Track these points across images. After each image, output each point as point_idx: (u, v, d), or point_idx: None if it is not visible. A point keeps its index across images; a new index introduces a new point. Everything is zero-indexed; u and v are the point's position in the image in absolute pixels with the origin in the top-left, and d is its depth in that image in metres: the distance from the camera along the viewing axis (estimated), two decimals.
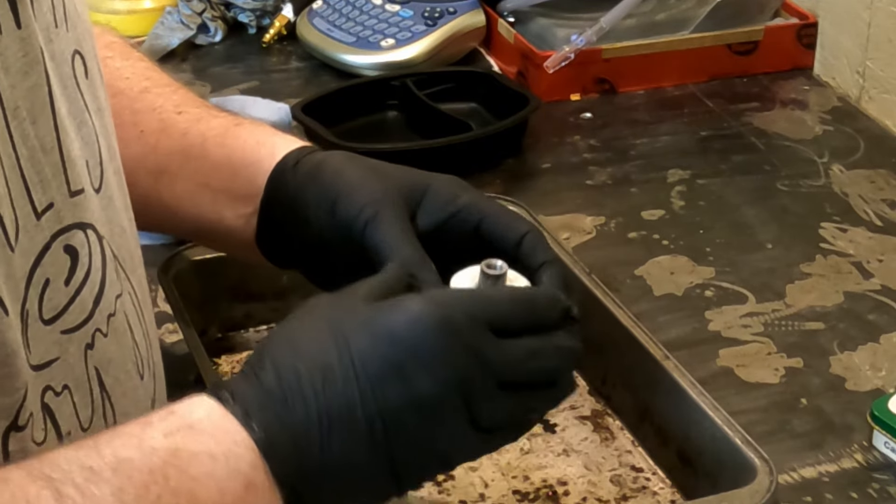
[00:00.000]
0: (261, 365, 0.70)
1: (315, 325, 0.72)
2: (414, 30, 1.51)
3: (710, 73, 1.51)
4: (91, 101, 0.77)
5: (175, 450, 0.65)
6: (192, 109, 0.95)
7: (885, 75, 1.42)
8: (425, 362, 0.69)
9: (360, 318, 0.71)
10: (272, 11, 1.60)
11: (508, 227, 0.83)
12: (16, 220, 0.67)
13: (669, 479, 0.93)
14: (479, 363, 0.71)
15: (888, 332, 1.10)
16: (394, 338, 0.70)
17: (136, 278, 0.81)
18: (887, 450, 0.97)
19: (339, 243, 0.86)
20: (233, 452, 0.66)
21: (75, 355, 0.72)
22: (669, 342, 0.99)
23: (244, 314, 1.06)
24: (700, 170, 1.33)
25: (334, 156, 0.89)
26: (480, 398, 0.71)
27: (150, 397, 0.80)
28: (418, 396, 0.69)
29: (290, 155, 0.90)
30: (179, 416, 0.67)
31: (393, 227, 0.83)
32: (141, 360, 0.79)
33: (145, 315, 0.81)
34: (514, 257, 0.82)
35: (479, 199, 0.85)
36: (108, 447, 0.64)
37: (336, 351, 0.69)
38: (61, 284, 0.71)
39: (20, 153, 0.68)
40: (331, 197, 0.86)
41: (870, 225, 1.24)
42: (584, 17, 1.48)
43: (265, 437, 0.67)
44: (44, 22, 0.71)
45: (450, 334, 0.70)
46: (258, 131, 0.93)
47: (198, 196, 0.93)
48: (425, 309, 0.70)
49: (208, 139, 0.93)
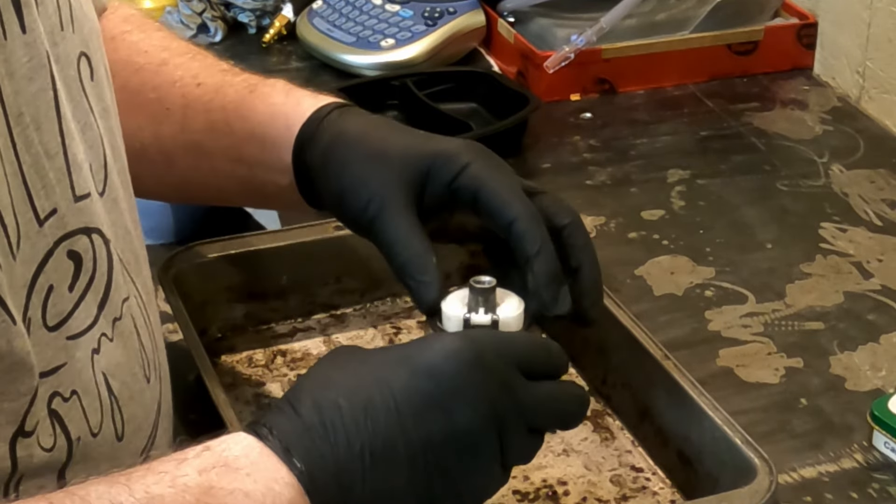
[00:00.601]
0: (300, 400, 0.69)
1: (351, 363, 0.72)
2: (414, 30, 1.51)
3: (710, 73, 1.51)
4: (96, 103, 0.76)
5: (209, 487, 0.64)
6: (210, 79, 0.95)
7: (885, 75, 1.42)
8: (464, 396, 0.70)
9: (396, 355, 0.72)
10: (272, 11, 1.60)
11: (500, 210, 0.82)
12: (17, 227, 0.67)
13: (669, 479, 0.93)
14: (512, 400, 0.71)
15: (888, 332, 1.10)
16: (432, 372, 0.70)
17: (142, 280, 0.81)
18: (887, 450, 0.96)
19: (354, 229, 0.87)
20: (271, 490, 0.65)
21: (82, 360, 0.72)
22: (669, 342, 0.99)
23: (244, 314, 1.06)
24: (700, 170, 1.33)
25: (341, 138, 0.88)
26: (512, 435, 0.71)
27: (156, 400, 0.80)
28: (458, 430, 0.69)
29: (305, 132, 0.89)
30: (215, 452, 0.67)
31: (396, 222, 0.83)
32: (147, 364, 0.79)
33: (151, 318, 0.81)
34: (506, 241, 0.82)
35: (481, 171, 0.84)
36: (139, 483, 0.64)
37: (376, 386, 0.69)
38: (65, 290, 0.71)
39: (23, 160, 0.67)
40: (337, 192, 0.87)
41: (870, 225, 1.24)
42: (584, 17, 1.48)
43: (307, 473, 0.66)
44: (49, 25, 0.71)
45: (486, 370, 0.71)
46: (270, 98, 0.92)
47: (237, 170, 0.94)
48: (461, 345, 0.71)
49: (229, 112, 0.93)
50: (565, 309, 0.81)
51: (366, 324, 1.08)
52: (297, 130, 0.90)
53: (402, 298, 1.09)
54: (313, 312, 1.08)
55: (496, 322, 0.80)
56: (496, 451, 0.71)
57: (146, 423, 0.78)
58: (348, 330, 1.07)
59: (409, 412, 0.69)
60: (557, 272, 0.81)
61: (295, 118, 0.90)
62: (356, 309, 1.09)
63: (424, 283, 0.81)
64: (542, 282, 0.80)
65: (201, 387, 0.92)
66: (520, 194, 0.83)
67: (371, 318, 1.08)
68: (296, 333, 1.06)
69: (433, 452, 0.69)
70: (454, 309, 0.81)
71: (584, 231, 0.84)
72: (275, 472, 0.66)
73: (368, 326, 1.08)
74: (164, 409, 0.82)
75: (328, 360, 0.73)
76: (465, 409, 0.69)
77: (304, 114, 0.90)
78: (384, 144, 0.86)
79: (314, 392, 0.69)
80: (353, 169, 0.86)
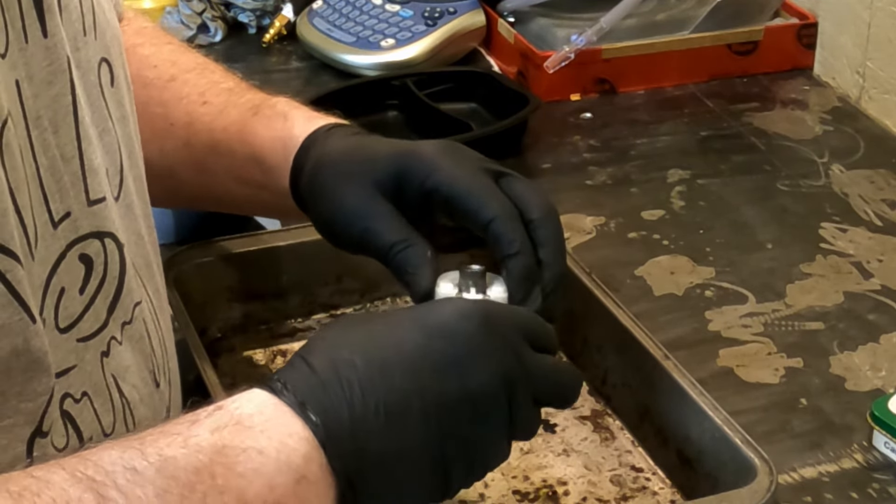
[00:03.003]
0: (314, 357, 0.69)
1: (366, 324, 0.73)
2: (414, 30, 1.51)
3: (710, 73, 1.51)
4: (115, 108, 0.77)
5: (222, 447, 0.64)
6: (216, 98, 0.96)
7: (885, 75, 1.42)
8: (478, 358, 0.70)
9: (408, 316, 0.72)
10: (272, 11, 1.60)
11: (475, 213, 0.82)
12: (35, 228, 0.67)
13: (669, 479, 0.93)
14: (521, 367, 0.71)
15: (888, 332, 1.10)
16: (445, 332, 0.70)
17: (154, 286, 0.81)
18: (887, 450, 0.96)
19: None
20: (285, 446, 0.65)
21: (92, 363, 0.72)
22: (669, 342, 0.99)
23: (244, 314, 1.06)
24: (700, 170, 1.33)
25: (319, 165, 0.88)
26: (520, 401, 0.71)
27: (165, 405, 0.80)
28: (472, 391, 0.69)
29: (297, 162, 0.90)
30: (227, 410, 0.66)
31: (382, 228, 0.84)
32: (157, 368, 0.79)
33: (162, 323, 0.82)
34: (483, 239, 0.83)
35: (452, 174, 0.84)
36: (152, 447, 0.63)
37: (392, 346, 0.70)
38: (76, 293, 0.71)
39: (40, 162, 0.68)
40: (324, 219, 0.88)
41: (870, 225, 1.24)
42: (584, 17, 1.48)
43: (323, 426, 0.66)
44: (72, 30, 0.72)
45: (498, 334, 0.71)
46: (271, 122, 0.93)
47: (239, 188, 0.95)
48: (472, 308, 0.72)
49: (231, 134, 0.94)
50: (535, 307, 0.82)
51: None
52: (292, 159, 0.90)
53: (402, 298, 1.09)
54: (313, 312, 1.08)
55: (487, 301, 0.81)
56: (506, 419, 0.71)
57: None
58: None
59: (423, 371, 0.69)
60: (531, 272, 0.82)
61: (291, 145, 0.91)
62: (356, 309, 1.09)
63: (418, 273, 0.82)
64: (516, 280, 0.81)
65: (201, 387, 0.92)
66: (494, 192, 0.83)
67: None
68: (296, 333, 1.06)
69: (447, 413, 0.69)
70: (447, 289, 0.82)
71: (553, 225, 0.84)
72: (289, 427, 0.66)
73: None
74: (174, 414, 0.82)
75: (338, 324, 0.74)
76: (479, 370, 0.70)
77: (297, 142, 0.91)
78: (356, 159, 0.87)
79: (328, 350, 0.69)
80: (332, 193, 0.87)
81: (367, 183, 0.85)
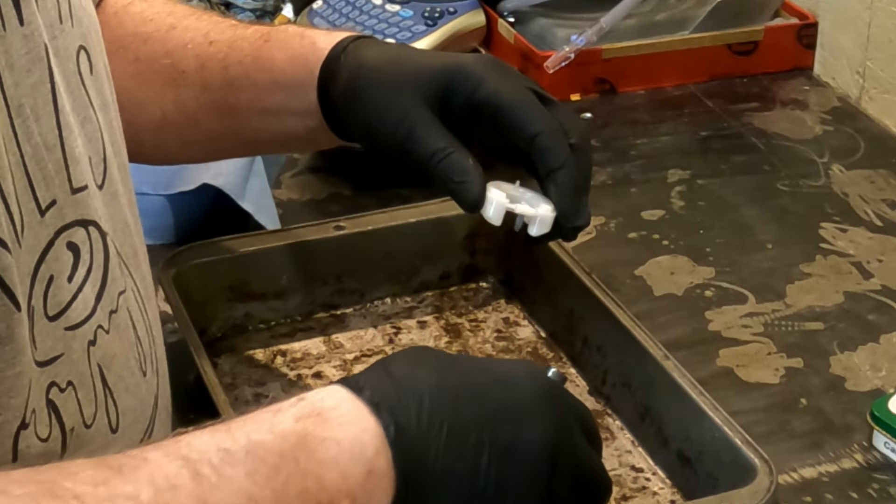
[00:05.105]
0: (395, 367, 0.72)
1: (449, 355, 0.77)
2: (414, 30, 1.51)
3: (710, 73, 1.51)
4: (96, 96, 0.77)
5: (304, 435, 0.67)
6: (222, 36, 0.96)
7: (885, 75, 1.42)
8: (537, 415, 0.72)
9: (488, 361, 0.77)
10: (272, 11, 1.60)
11: (522, 126, 0.84)
12: (21, 216, 0.68)
13: (669, 480, 0.93)
14: (570, 441, 0.73)
15: (888, 332, 1.10)
16: (514, 384, 0.73)
17: (140, 275, 0.81)
18: (887, 450, 0.96)
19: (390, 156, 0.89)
20: (359, 440, 0.68)
21: (78, 352, 0.72)
22: (669, 342, 0.99)
23: (244, 314, 1.06)
24: (700, 170, 1.33)
25: (360, 71, 0.89)
26: (562, 471, 0.72)
27: (152, 394, 0.80)
28: (521, 440, 0.71)
29: (325, 72, 0.91)
30: (310, 402, 0.69)
31: (426, 135, 0.85)
32: (143, 357, 0.79)
33: (148, 312, 0.82)
34: (528, 154, 0.84)
35: (499, 84, 0.86)
36: (240, 431, 0.66)
37: (464, 379, 0.72)
38: (64, 281, 0.71)
39: (24, 150, 0.68)
40: (364, 124, 0.89)
41: (870, 225, 1.24)
42: (584, 17, 1.48)
43: (394, 427, 0.68)
44: (48, 18, 0.72)
45: (560, 405, 0.73)
46: (287, 44, 0.94)
47: (264, 121, 0.95)
48: (541, 374, 0.74)
49: (247, 66, 0.94)
50: (584, 220, 0.83)
51: (366, 324, 1.08)
52: (318, 72, 0.91)
53: (401, 298, 1.09)
54: (313, 312, 1.08)
55: (533, 218, 0.84)
56: (545, 487, 0.72)
57: (142, 416, 0.79)
58: (348, 330, 1.07)
59: (485, 411, 0.71)
60: (579, 184, 0.84)
61: (314, 59, 0.92)
62: (356, 309, 1.09)
63: (466, 181, 0.84)
64: (565, 193, 0.83)
65: (201, 387, 0.92)
66: (540, 107, 0.86)
67: (371, 318, 1.08)
68: (296, 333, 1.06)
69: (496, 454, 0.71)
70: (498, 196, 0.83)
71: (588, 154, 0.86)
72: (364, 423, 0.68)
73: (368, 326, 1.07)
74: (162, 403, 0.82)
75: (424, 347, 0.78)
76: (535, 426, 0.71)
77: (323, 53, 0.92)
78: (401, 68, 0.88)
79: (409, 365, 0.72)
80: (376, 98, 0.88)
81: (412, 91, 0.86)
